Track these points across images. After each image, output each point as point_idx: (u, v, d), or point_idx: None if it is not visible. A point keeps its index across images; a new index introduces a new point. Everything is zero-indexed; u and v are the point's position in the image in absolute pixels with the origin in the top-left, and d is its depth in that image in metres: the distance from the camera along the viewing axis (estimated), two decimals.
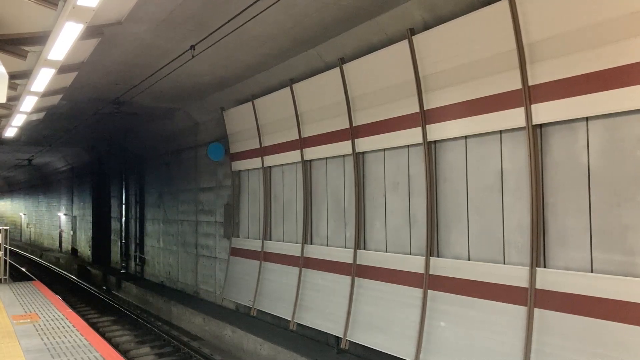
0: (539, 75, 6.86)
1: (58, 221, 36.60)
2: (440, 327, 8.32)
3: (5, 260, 14.27)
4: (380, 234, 9.93)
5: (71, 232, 33.01)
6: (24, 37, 6.35)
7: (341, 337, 10.27)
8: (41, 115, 12.67)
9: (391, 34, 8.98)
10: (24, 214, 49.80)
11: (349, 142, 10.33)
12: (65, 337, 8.10)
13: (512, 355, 7.11)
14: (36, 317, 9.47)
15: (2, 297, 11.58)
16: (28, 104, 9.39)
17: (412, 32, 8.45)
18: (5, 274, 14.26)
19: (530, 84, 6.94)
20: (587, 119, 6.53)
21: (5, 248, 14.36)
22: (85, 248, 29.91)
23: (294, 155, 12.19)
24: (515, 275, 7.25)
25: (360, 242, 10.30)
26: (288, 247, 12.50)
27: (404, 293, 9.06)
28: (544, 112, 6.87)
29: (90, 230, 28.29)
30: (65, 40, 5.88)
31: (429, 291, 8.54)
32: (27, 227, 48.59)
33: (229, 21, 8.05)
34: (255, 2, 7.11)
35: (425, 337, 8.46)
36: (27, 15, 5.91)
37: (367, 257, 10.05)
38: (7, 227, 15.34)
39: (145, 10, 8.19)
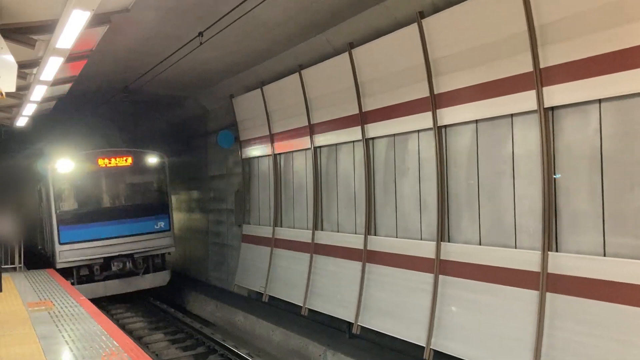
0: (550, 58, 6.76)
1: None
2: (452, 312, 8.31)
3: (20, 249, 14.44)
4: (391, 220, 9.90)
5: None
6: (32, 25, 6.33)
7: (352, 322, 10.30)
8: (51, 104, 12.70)
9: (400, 18, 8.88)
10: None
11: (359, 127, 10.28)
12: (80, 324, 8.19)
13: (524, 340, 7.10)
14: (50, 305, 9.58)
15: (17, 285, 11.73)
16: (38, 93, 9.41)
17: (422, 15, 8.35)
18: (20, 262, 14.44)
19: (541, 66, 6.84)
20: (599, 101, 6.43)
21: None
22: None
23: (303, 142, 12.17)
24: (527, 259, 7.21)
25: (370, 228, 10.28)
26: (299, 233, 12.51)
27: (415, 278, 9.05)
28: (555, 94, 6.78)
29: None
30: (73, 28, 5.86)
31: (440, 276, 8.52)
32: None
33: (236, 7, 8.00)
34: None
35: (437, 322, 8.46)
36: (34, 3, 5.88)
37: (378, 243, 10.03)
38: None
39: None
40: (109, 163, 15.35)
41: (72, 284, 13.61)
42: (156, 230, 15.69)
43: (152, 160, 16.01)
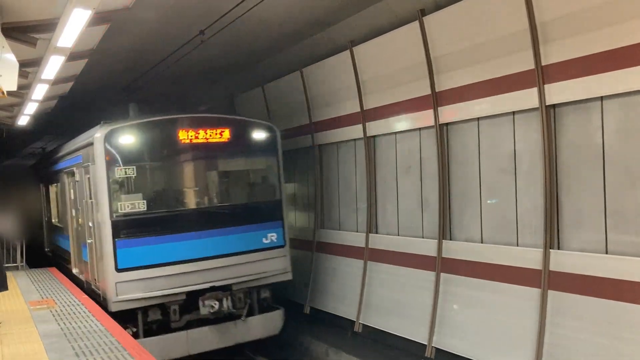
0: (552, 55, 6.74)
1: None
2: (453, 309, 8.30)
3: (22, 247, 14.41)
4: (393, 218, 9.89)
5: None
6: (33, 24, 6.33)
7: (354, 320, 10.29)
8: (52, 103, 12.71)
9: (401, 15, 8.85)
10: None
11: (360, 125, 10.26)
12: (82, 322, 8.18)
13: (526, 337, 7.09)
14: (52, 303, 9.57)
15: (19, 284, 11.73)
16: (39, 92, 9.41)
17: (423, 12, 8.32)
18: (22, 261, 14.42)
19: (543, 63, 6.83)
20: (601, 98, 6.41)
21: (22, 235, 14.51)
22: None
23: (305, 140, 12.15)
24: (529, 257, 7.20)
25: (372, 226, 10.26)
26: (300, 232, 12.50)
27: (416, 276, 9.05)
28: (557, 92, 6.76)
29: None
30: (74, 27, 5.86)
31: (442, 274, 8.52)
32: None
33: (237, 5, 7.98)
34: None
35: (438, 320, 8.46)
36: (35, 2, 5.88)
37: (380, 241, 10.02)
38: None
39: None
40: (195, 137, 9.75)
41: (135, 335, 8.76)
42: (266, 246, 10.24)
43: (260, 134, 10.61)
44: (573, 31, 6.46)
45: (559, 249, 6.95)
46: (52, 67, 7.63)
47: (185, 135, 9.71)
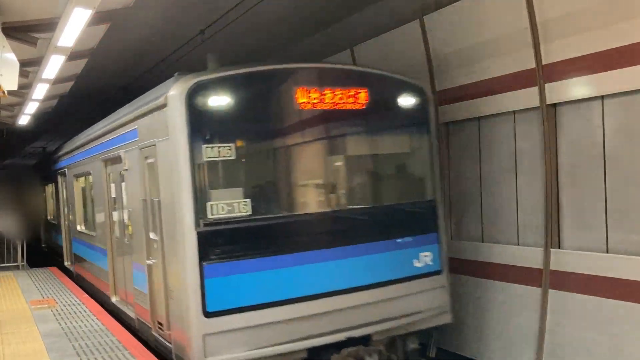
0: (553, 54, 6.72)
1: None
2: (454, 309, 8.28)
3: (22, 247, 14.43)
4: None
5: None
6: (34, 24, 6.35)
7: None
8: (53, 102, 12.72)
9: (402, 15, 8.82)
10: None
11: None
12: (82, 322, 8.20)
13: (527, 337, 7.08)
14: (53, 303, 9.59)
15: (20, 283, 11.75)
16: (40, 91, 9.42)
17: (424, 12, 8.31)
18: (22, 260, 14.43)
19: (544, 62, 6.81)
20: (602, 97, 6.40)
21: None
22: None
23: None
24: (530, 256, 7.18)
25: None
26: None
27: None
28: (558, 91, 6.74)
29: None
30: (75, 27, 5.86)
31: None
32: None
33: (238, 4, 7.97)
34: None
35: None
36: (35, 1, 5.89)
37: None
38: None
39: None
40: (321, 101, 6.42)
41: None
42: (417, 272, 6.84)
43: (407, 99, 7.18)
44: (574, 30, 6.45)
45: (559, 248, 6.94)
46: (53, 66, 7.64)
47: (305, 97, 6.32)
